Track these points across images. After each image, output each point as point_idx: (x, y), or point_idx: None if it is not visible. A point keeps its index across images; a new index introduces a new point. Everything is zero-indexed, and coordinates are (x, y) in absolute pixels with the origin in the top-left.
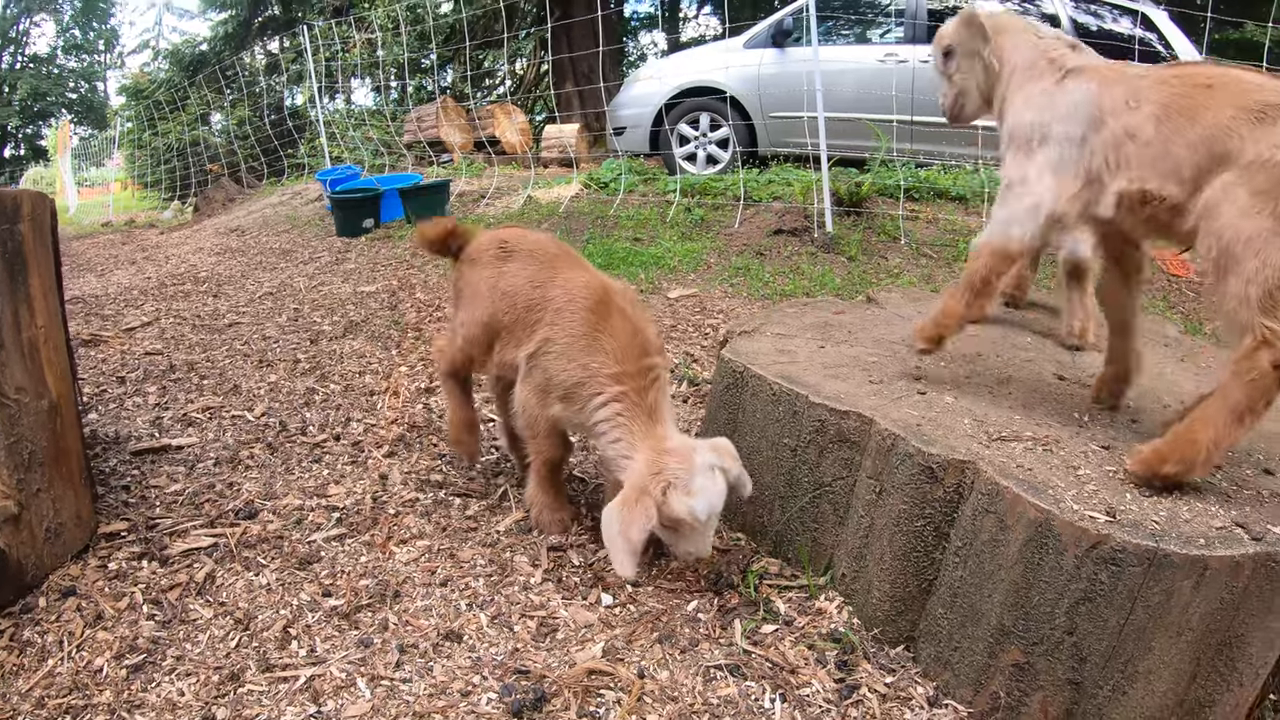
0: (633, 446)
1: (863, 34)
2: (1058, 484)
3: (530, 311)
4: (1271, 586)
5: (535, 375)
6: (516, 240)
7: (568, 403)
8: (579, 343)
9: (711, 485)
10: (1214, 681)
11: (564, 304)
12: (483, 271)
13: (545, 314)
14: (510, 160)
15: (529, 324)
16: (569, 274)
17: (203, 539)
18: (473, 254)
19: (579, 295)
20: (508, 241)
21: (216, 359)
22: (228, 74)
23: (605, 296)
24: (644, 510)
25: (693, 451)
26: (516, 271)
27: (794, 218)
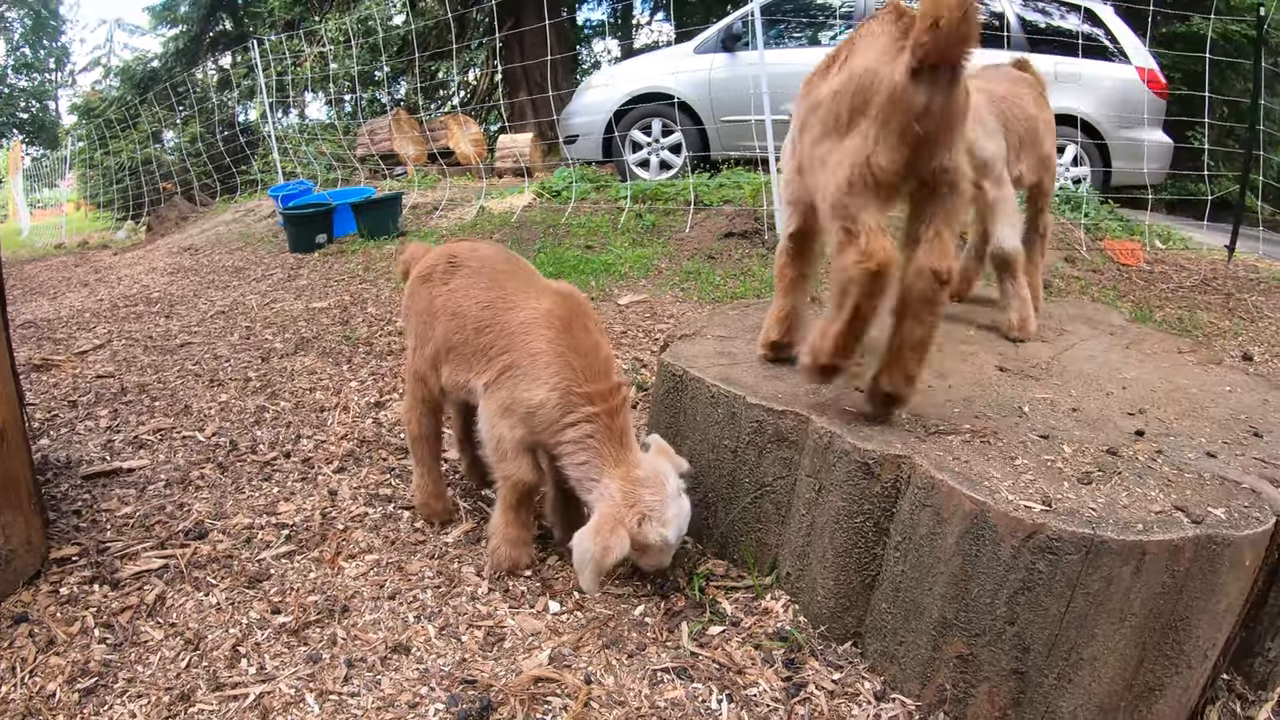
0: (602, 470)
1: (814, 36)
2: (994, 475)
3: (481, 333)
4: (1214, 568)
5: (499, 396)
6: (465, 255)
7: (534, 423)
8: (543, 360)
9: (682, 512)
10: (1162, 665)
11: (523, 325)
12: (432, 290)
13: (501, 337)
14: (464, 171)
15: (482, 348)
16: (523, 293)
17: (153, 560)
18: (421, 272)
19: (539, 315)
20: (456, 256)
21: (168, 380)
22: (179, 90)
23: (565, 313)
24: (619, 540)
25: (664, 481)
26: (465, 289)
27: (744, 220)
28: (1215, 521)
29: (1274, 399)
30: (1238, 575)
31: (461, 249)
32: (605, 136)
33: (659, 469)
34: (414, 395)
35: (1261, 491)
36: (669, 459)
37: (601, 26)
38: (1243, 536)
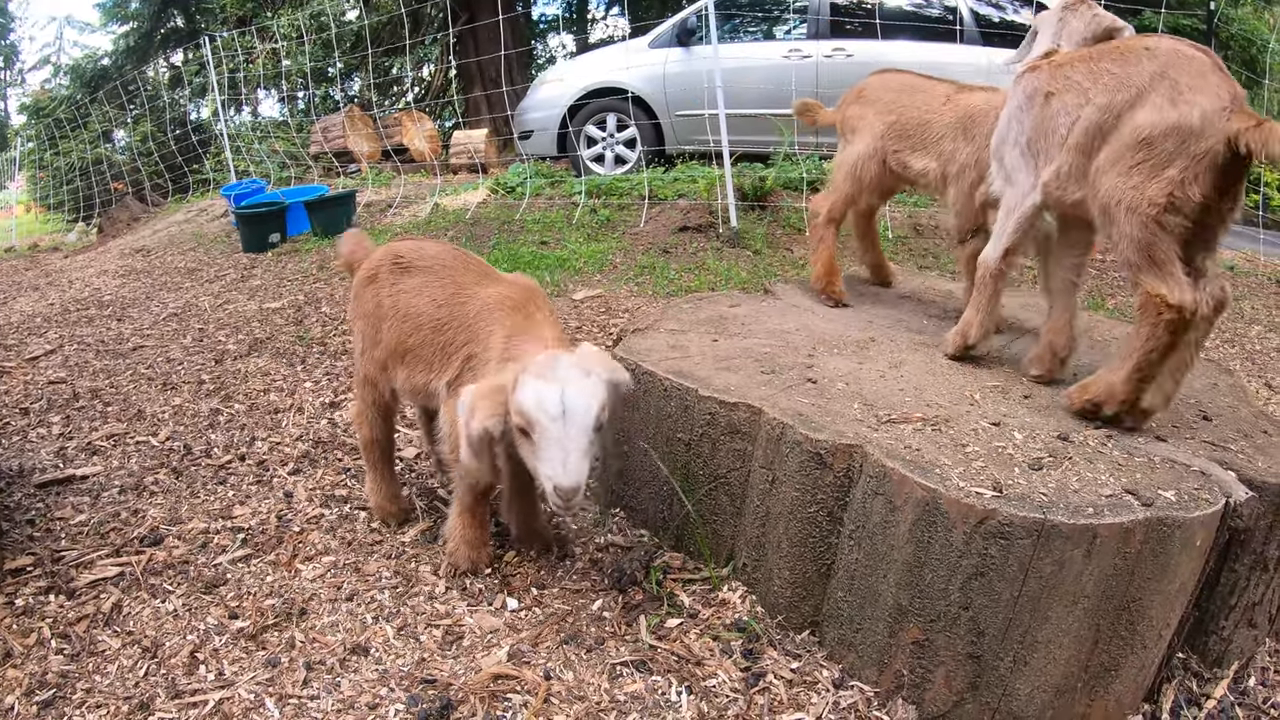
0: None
1: (769, 31)
2: (945, 462)
3: (440, 332)
4: (1165, 550)
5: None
6: (412, 255)
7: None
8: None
9: (577, 380)
10: (1117, 646)
11: (479, 314)
12: (379, 292)
13: (461, 331)
14: (419, 168)
15: (442, 346)
16: (477, 284)
17: (109, 569)
18: (366, 273)
19: (494, 299)
20: (402, 257)
21: (121, 384)
22: (130, 89)
23: (520, 296)
24: (493, 400)
25: (555, 361)
26: (417, 289)
27: (699, 214)
28: (1165, 504)
29: (1223, 383)
30: (1189, 556)
31: (406, 248)
32: (560, 132)
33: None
34: (364, 400)
35: (1211, 474)
36: (597, 363)
37: (556, 21)
38: (1193, 518)
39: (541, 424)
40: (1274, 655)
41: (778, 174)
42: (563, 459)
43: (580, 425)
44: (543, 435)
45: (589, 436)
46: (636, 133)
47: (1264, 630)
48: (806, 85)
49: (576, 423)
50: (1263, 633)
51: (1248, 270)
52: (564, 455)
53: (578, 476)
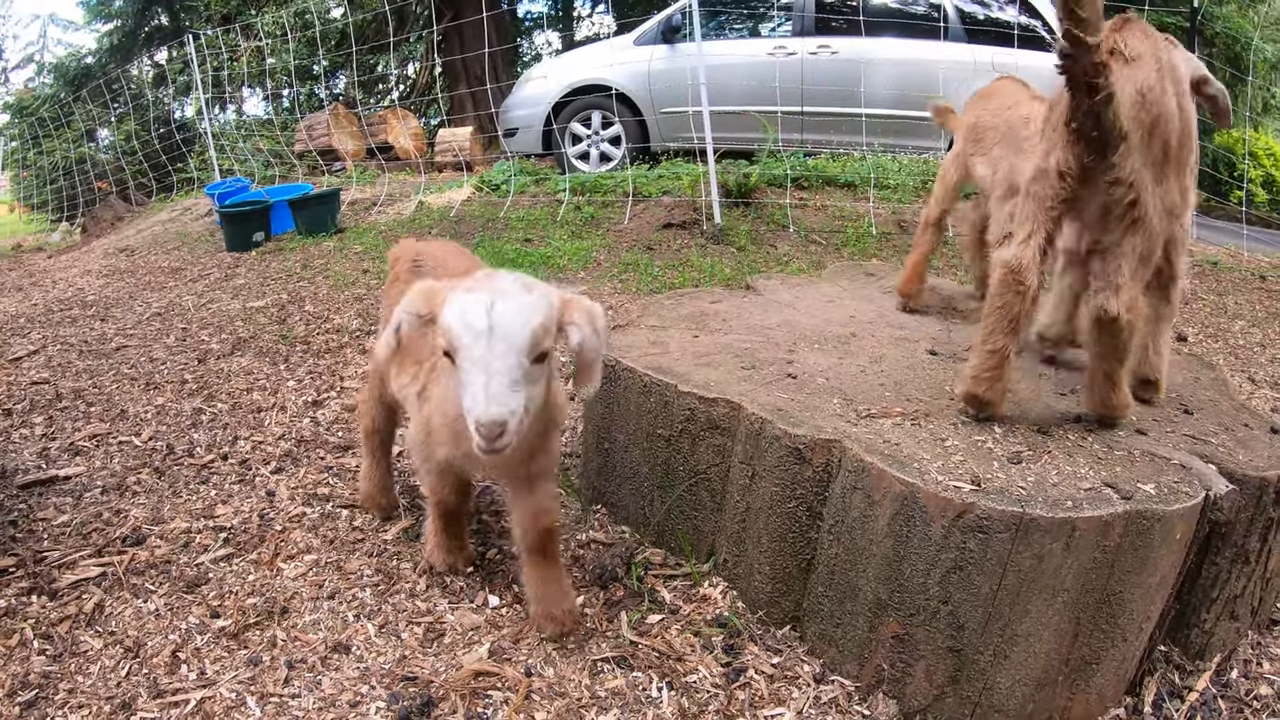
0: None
1: (754, 28)
2: (923, 457)
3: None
4: (1145, 543)
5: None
6: (429, 256)
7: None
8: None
9: (512, 293)
10: (1097, 639)
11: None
12: (396, 290)
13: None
14: (403, 166)
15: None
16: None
17: (91, 569)
18: (394, 270)
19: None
20: (421, 256)
21: (104, 384)
22: (114, 87)
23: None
24: (427, 298)
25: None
26: (434, 268)
27: (683, 211)
28: (1145, 497)
29: (1205, 377)
30: (1169, 549)
31: (427, 250)
32: (545, 129)
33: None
34: (372, 391)
35: (1191, 467)
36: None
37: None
38: (1172, 511)
39: (463, 342)
40: (1256, 647)
41: (762, 171)
42: (484, 384)
43: (509, 344)
44: (464, 356)
45: (520, 360)
46: (621, 130)
47: (1246, 622)
48: (791, 82)
49: (504, 341)
50: (1244, 625)
51: (1231, 266)
52: (485, 380)
53: (500, 406)
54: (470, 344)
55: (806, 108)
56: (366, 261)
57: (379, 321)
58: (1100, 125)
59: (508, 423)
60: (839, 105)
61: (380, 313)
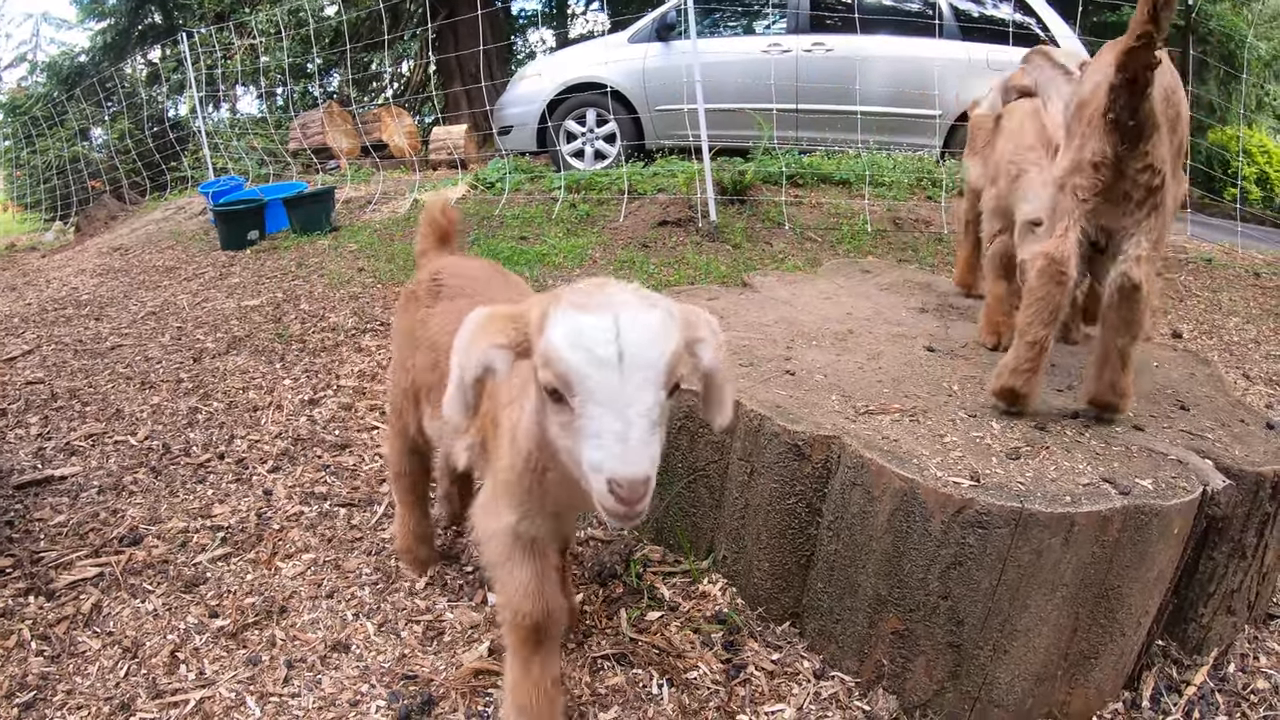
0: None
1: (748, 26)
2: (922, 453)
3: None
4: (1143, 538)
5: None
6: (449, 272)
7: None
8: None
9: (638, 309)
10: (1096, 633)
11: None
12: (415, 313)
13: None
14: (398, 164)
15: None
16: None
17: (88, 569)
18: (410, 288)
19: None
20: (440, 274)
21: (99, 384)
22: (107, 86)
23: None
24: (504, 327)
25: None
26: (443, 316)
27: (678, 209)
28: (1143, 492)
29: (1200, 373)
30: (1167, 544)
31: (446, 266)
32: (540, 127)
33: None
34: (393, 428)
35: (1188, 462)
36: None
37: (536, 16)
38: (1170, 506)
39: (585, 377)
40: (1253, 642)
41: (757, 168)
42: (621, 431)
43: (646, 375)
44: (588, 394)
45: (658, 396)
46: (616, 128)
47: (1243, 617)
48: (786, 80)
49: (640, 372)
50: (1241, 619)
51: (1225, 263)
52: (623, 426)
53: (645, 460)
54: (597, 379)
55: (801, 105)
56: (362, 260)
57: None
58: (1137, 116)
59: (651, 479)
60: (834, 103)
61: (392, 344)
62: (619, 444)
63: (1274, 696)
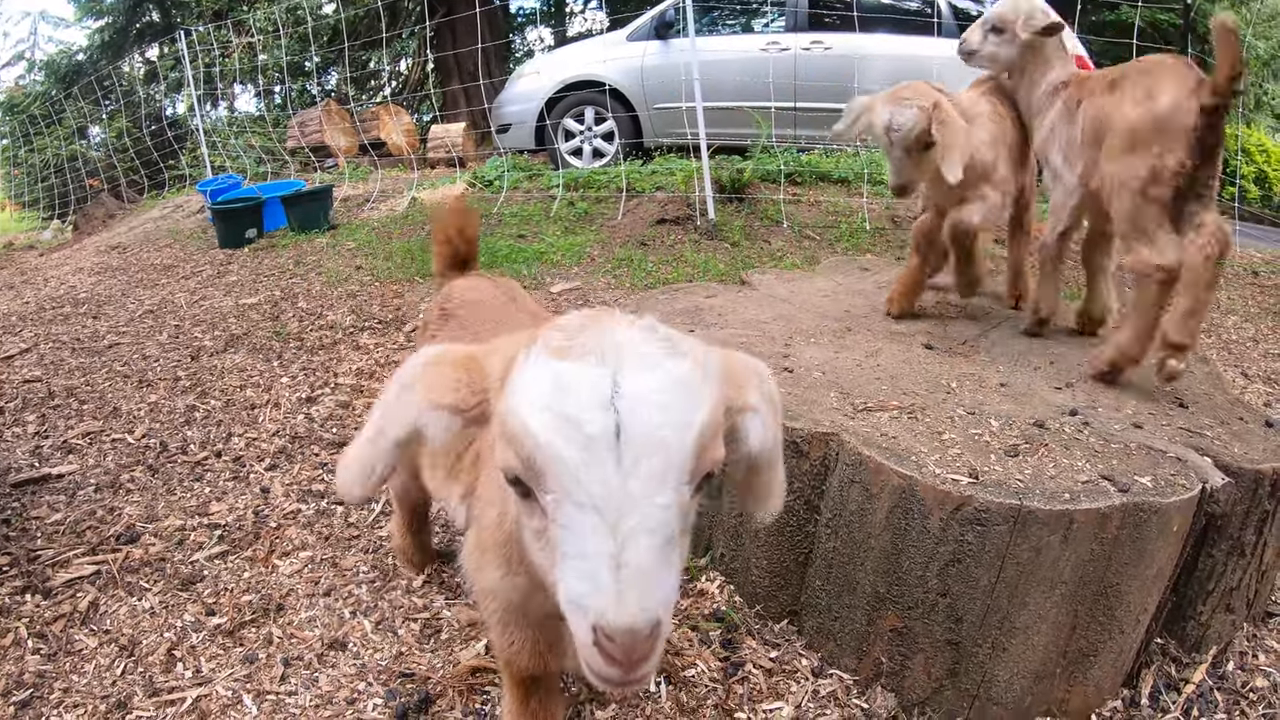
0: None
1: (747, 24)
2: (921, 450)
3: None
4: (1142, 535)
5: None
6: (458, 299)
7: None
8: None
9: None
10: (1094, 631)
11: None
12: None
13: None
14: (396, 162)
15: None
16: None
17: (85, 567)
18: (423, 319)
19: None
20: (449, 299)
21: (96, 382)
22: (105, 84)
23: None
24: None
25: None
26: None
27: (677, 207)
28: (1142, 490)
29: (1199, 371)
30: (1166, 542)
31: (458, 288)
32: (538, 125)
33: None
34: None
35: (1187, 460)
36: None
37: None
38: (1169, 503)
39: (561, 461)
40: (1252, 640)
41: (755, 166)
42: (615, 553)
43: (659, 465)
44: (566, 491)
45: (680, 494)
46: (614, 126)
47: (1241, 615)
48: (784, 78)
49: (650, 458)
50: (1240, 618)
51: (1224, 262)
52: (619, 544)
53: (652, 600)
54: (579, 469)
55: (800, 103)
56: (359, 258)
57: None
58: (1215, 134)
59: (662, 628)
60: (832, 101)
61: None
62: (611, 574)
63: (1273, 694)
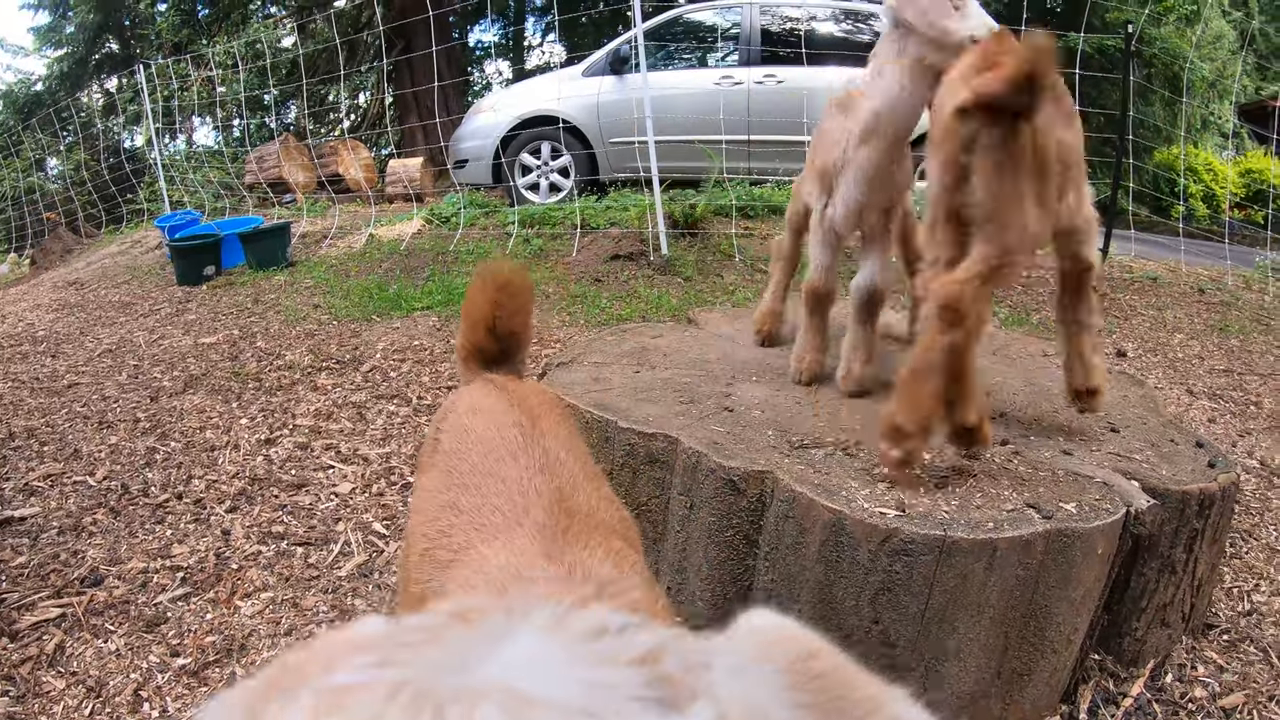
0: None
1: (702, 58)
2: (852, 485)
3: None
4: (1067, 559)
5: None
6: (460, 419)
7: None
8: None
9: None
10: (1027, 651)
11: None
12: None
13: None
14: (354, 198)
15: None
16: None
17: (50, 610)
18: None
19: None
20: (447, 418)
21: (56, 423)
22: (63, 115)
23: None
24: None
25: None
26: (434, 478)
27: (631, 242)
28: (1066, 516)
29: (1133, 394)
30: (1091, 564)
31: (464, 405)
32: (495, 161)
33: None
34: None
35: (1114, 484)
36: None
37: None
38: (1093, 528)
39: None
40: (1191, 651)
41: (708, 201)
42: None
43: None
44: None
45: None
46: (569, 161)
47: (1178, 629)
48: (737, 111)
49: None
50: (1177, 631)
51: (1170, 281)
52: None
53: None
54: None
55: (753, 136)
56: (317, 296)
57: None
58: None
59: None
60: (785, 134)
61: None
62: None
63: (1211, 704)
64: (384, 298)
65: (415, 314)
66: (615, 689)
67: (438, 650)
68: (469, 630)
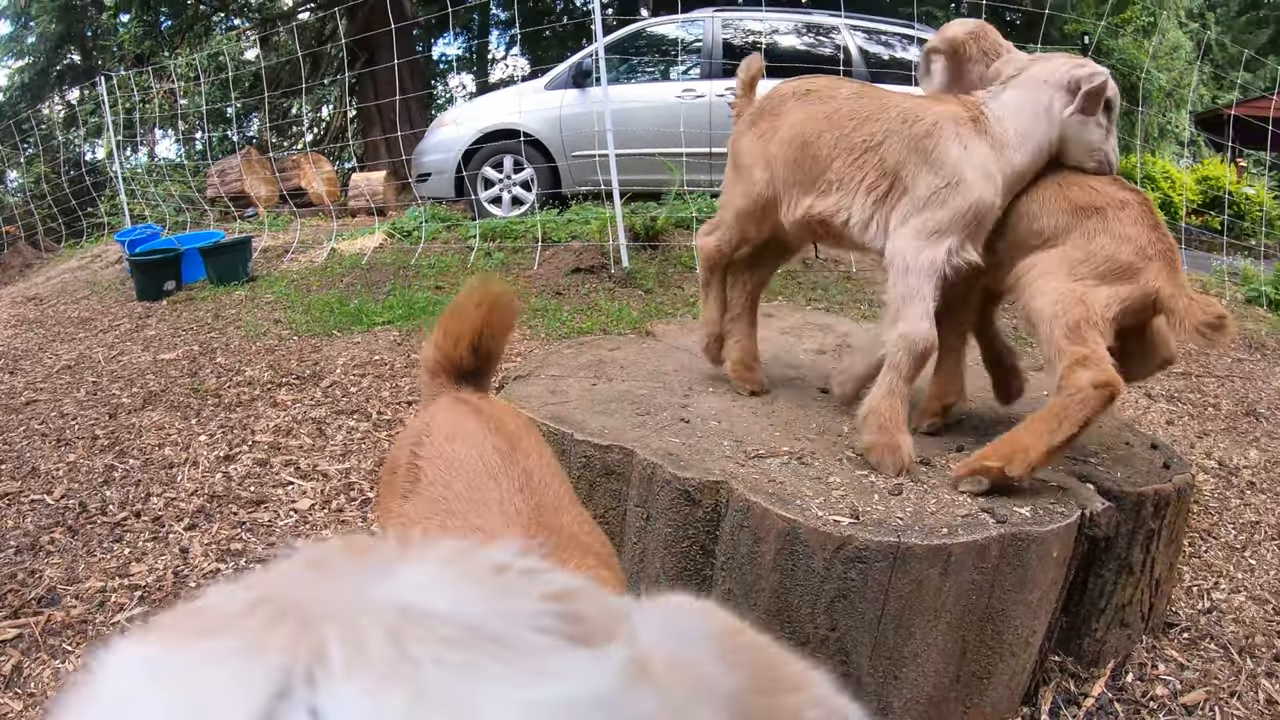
0: None
1: (664, 71)
2: (806, 494)
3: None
4: (1022, 561)
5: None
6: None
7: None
8: None
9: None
10: (985, 655)
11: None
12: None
13: None
14: (316, 211)
15: None
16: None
17: (8, 630)
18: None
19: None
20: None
21: (14, 441)
22: (24, 127)
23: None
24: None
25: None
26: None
27: (592, 255)
28: (1020, 520)
29: None
30: (1047, 567)
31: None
32: (458, 175)
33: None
34: None
35: (1069, 488)
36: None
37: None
38: (1047, 531)
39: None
40: (1151, 650)
41: (669, 213)
42: None
43: None
44: None
45: None
46: (531, 174)
47: (1137, 629)
48: (699, 125)
49: None
50: (1136, 631)
51: None
52: None
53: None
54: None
55: (715, 149)
56: (278, 311)
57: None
58: None
59: None
60: None
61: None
62: None
63: (1172, 701)
64: (345, 312)
65: (376, 329)
66: (519, 616)
67: (319, 575)
68: (359, 559)
